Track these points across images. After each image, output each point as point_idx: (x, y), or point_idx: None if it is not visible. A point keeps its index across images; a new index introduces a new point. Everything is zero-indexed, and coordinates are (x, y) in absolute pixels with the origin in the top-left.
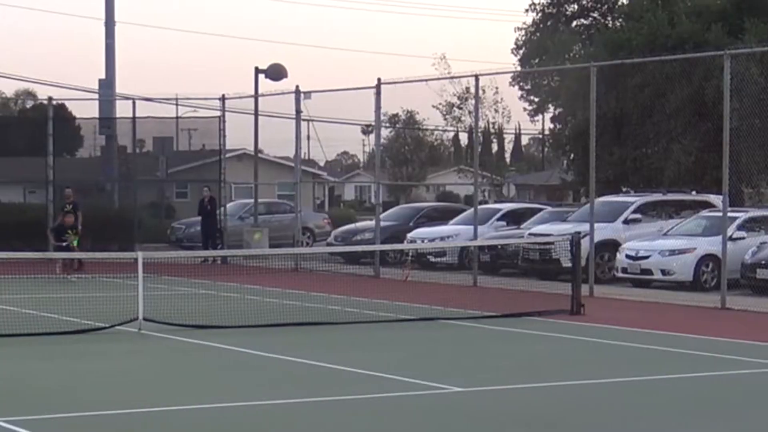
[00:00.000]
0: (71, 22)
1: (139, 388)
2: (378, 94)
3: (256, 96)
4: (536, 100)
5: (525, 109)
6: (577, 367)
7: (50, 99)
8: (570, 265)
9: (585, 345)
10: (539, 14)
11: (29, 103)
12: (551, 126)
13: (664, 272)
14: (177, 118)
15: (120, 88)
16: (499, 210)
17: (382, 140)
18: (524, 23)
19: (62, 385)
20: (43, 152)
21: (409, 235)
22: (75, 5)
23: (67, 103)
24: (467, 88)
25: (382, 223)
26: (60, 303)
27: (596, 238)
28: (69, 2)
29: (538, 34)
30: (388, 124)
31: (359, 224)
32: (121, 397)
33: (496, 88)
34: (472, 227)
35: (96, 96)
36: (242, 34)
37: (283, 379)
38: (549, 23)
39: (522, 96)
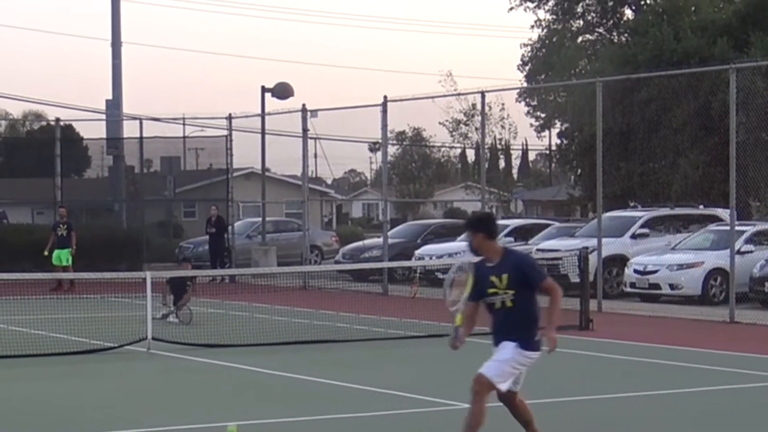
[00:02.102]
0: (78, 43)
1: (148, 408)
2: (384, 111)
3: (262, 115)
4: (543, 115)
5: (532, 125)
6: (585, 382)
7: (58, 120)
8: (578, 280)
9: (594, 360)
10: (545, 30)
11: (37, 125)
12: (558, 141)
13: (672, 287)
14: (184, 137)
15: (127, 108)
16: (507, 226)
17: (389, 157)
18: (530, 39)
19: (71, 404)
20: (51, 173)
21: (417, 252)
22: (82, 26)
23: (74, 123)
24: (473, 105)
25: (390, 241)
26: (69, 323)
27: (604, 253)
28: (76, 23)
29: (544, 50)
30: (395, 142)
31: (367, 242)
32: (130, 417)
33: (503, 104)
34: None
35: (103, 116)
36: (248, 53)
37: (293, 397)
38: (555, 39)
39: (528, 112)
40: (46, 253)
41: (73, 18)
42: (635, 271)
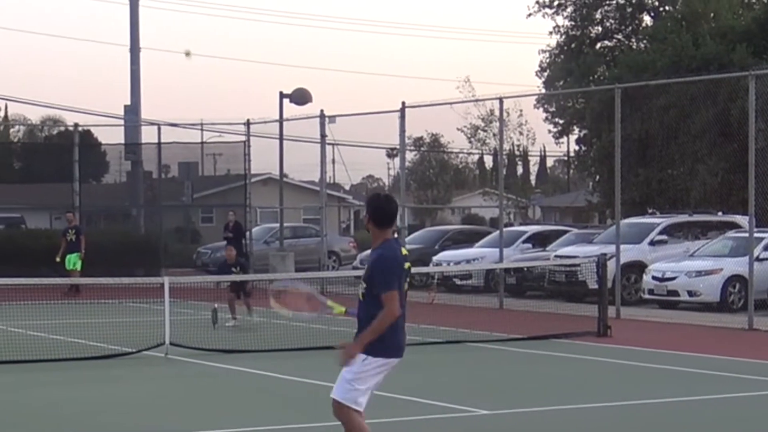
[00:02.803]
0: (96, 48)
1: (165, 413)
2: (402, 117)
3: (281, 120)
4: (561, 122)
5: (550, 131)
6: (604, 389)
7: (76, 125)
8: (596, 287)
9: (612, 367)
10: (563, 37)
11: (55, 130)
12: (576, 148)
13: (690, 293)
14: (202, 143)
15: (145, 113)
16: (525, 232)
17: (406, 163)
18: (548, 46)
19: (89, 410)
20: (69, 178)
21: (435, 258)
22: (100, 32)
23: (92, 129)
24: (492, 111)
25: (408, 246)
26: (87, 328)
27: (622, 260)
28: (94, 29)
29: (562, 57)
30: (412, 148)
31: None
32: (148, 422)
33: (521, 110)
34: (497, 250)
35: (121, 122)
36: (267, 59)
37: (311, 402)
38: (573, 45)
39: (547, 118)
40: (58, 259)
41: (92, 23)
42: (653, 277)
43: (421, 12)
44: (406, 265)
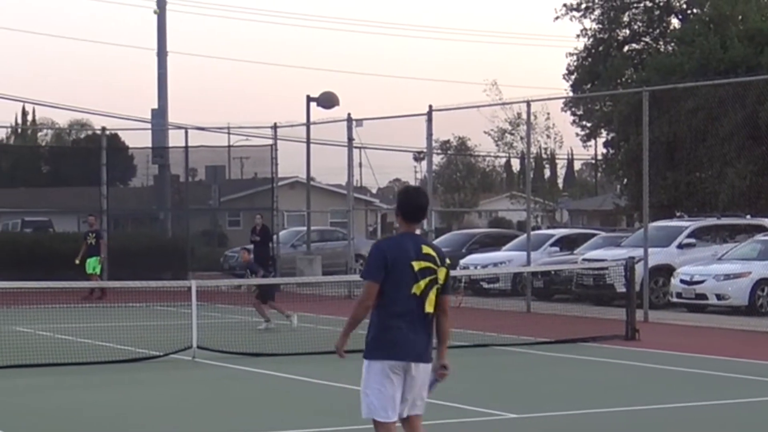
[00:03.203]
0: (124, 52)
1: (192, 417)
2: (429, 120)
3: (308, 124)
4: (588, 125)
5: (577, 134)
6: (632, 392)
7: (104, 129)
8: (624, 290)
9: (640, 370)
10: (591, 40)
11: (83, 134)
12: (604, 151)
13: (719, 297)
14: (229, 146)
15: (172, 117)
16: (552, 235)
17: (433, 167)
18: (576, 49)
19: (116, 413)
20: (96, 182)
21: (462, 262)
22: (127, 36)
23: (120, 132)
24: (519, 114)
25: None
26: (115, 332)
27: (650, 263)
28: (121, 33)
29: (589, 60)
30: (439, 151)
31: None
32: (175, 426)
33: (548, 113)
34: (525, 253)
35: (149, 126)
36: (294, 63)
37: (338, 406)
38: (601, 48)
39: (574, 121)
40: (77, 261)
41: (119, 27)
42: (681, 281)
43: (449, 15)
44: (421, 264)
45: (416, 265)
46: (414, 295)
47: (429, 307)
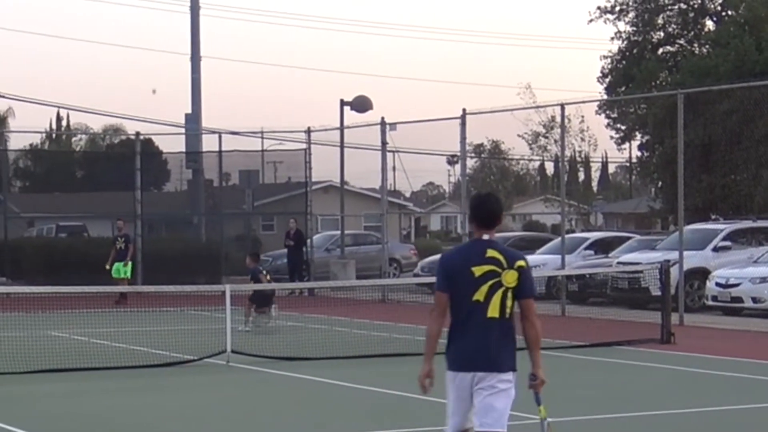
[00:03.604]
0: (158, 57)
1: (227, 421)
2: (463, 124)
3: (341, 128)
4: (623, 128)
5: (612, 137)
6: (668, 396)
7: (138, 134)
8: (659, 293)
9: (676, 374)
10: (625, 42)
11: (117, 139)
12: (638, 154)
13: (755, 300)
14: (263, 151)
15: (206, 122)
16: (587, 239)
17: (467, 170)
18: (610, 51)
19: (151, 417)
20: (130, 186)
21: None
22: (161, 41)
23: (154, 137)
24: (553, 117)
25: None
26: (149, 336)
27: (685, 266)
28: (155, 38)
29: (624, 62)
30: (473, 154)
31: None
32: (210, 429)
33: (582, 116)
34: (559, 256)
35: (182, 130)
36: (327, 67)
37: (373, 410)
38: (635, 51)
39: (608, 124)
40: (108, 267)
41: (153, 33)
42: (717, 284)
43: (483, 18)
44: (483, 269)
45: (477, 271)
46: (476, 302)
47: (493, 312)
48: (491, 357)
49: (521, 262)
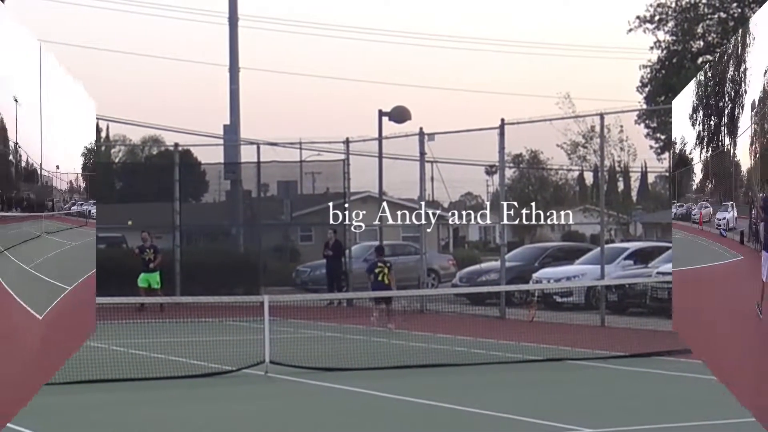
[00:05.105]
0: (196, 69)
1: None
2: (502, 134)
3: (380, 138)
4: (662, 137)
5: (651, 146)
6: (709, 407)
7: (176, 145)
8: None
9: (716, 384)
10: (664, 52)
11: (155, 150)
12: None
13: None
14: (301, 161)
15: (244, 133)
16: (626, 249)
17: (506, 180)
18: (649, 61)
19: (190, 428)
20: (169, 198)
21: (535, 275)
22: (200, 53)
23: (192, 148)
24: (592, 127)
25: (507, 264)
26: (187, 347)
27: None
28: (194, 50)
29: (663, 72)
30: (512, 164)
31: (484, 265)
32: None
33: (621, 126)
34: (598, 267)
35: (221, 141)
36: (365, 78)
37: (411, 421)
38: (674, 60)
39: (648, 134)
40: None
41: (192, 44)
42: None
43: (521, 29)
44: None
45: None
46: None
47: None
48: None
49: None
